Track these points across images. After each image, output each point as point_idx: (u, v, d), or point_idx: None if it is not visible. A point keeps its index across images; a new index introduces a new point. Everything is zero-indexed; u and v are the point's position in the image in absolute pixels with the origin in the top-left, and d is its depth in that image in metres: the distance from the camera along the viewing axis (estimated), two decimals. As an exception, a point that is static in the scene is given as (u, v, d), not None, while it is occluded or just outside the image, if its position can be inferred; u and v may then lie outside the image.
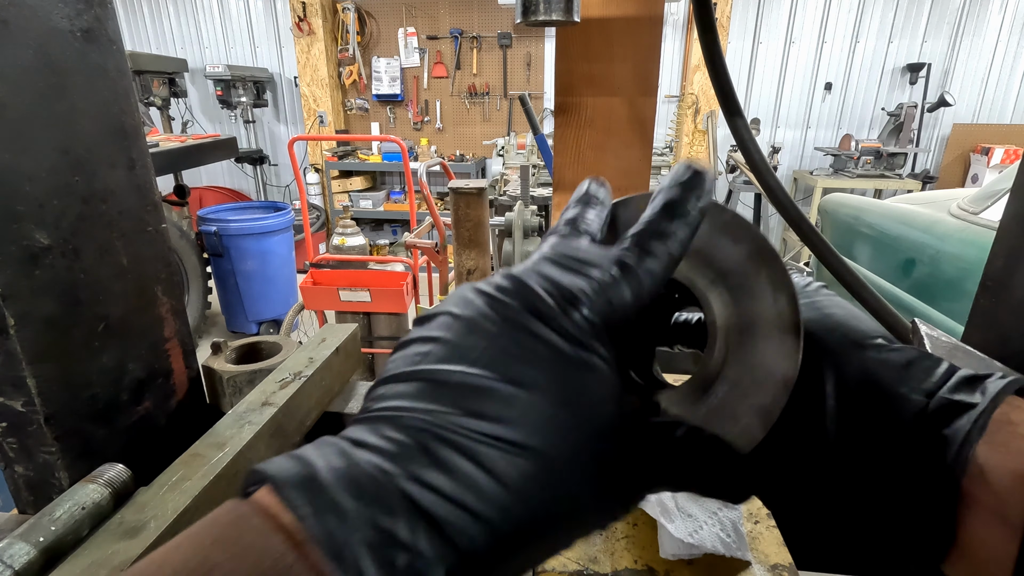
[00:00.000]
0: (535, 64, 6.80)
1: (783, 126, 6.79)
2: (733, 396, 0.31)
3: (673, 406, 0.33)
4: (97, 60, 0.71)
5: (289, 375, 0.88)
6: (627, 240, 0.30)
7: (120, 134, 0.75)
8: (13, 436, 0.68)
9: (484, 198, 1.65)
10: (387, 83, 7.05)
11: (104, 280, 0.73)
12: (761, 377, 0.31)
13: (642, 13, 1.19)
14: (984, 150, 6.13)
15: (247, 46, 7.13)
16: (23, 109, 0.63)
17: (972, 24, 6.18)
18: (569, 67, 1.25)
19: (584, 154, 1.29)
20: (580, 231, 0.32)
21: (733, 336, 0.32)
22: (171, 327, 0.85)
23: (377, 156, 6.87)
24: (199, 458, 0.67)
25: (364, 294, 3.00)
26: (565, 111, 1.28)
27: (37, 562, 0.53)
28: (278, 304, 4.84)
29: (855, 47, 6.41)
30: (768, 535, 0.59)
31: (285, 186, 7.54)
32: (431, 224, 2.82)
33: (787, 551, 0.55)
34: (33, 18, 0.63)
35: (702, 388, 0.33)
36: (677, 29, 6.54)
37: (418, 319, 0.30)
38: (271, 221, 4.70)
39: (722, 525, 0.55)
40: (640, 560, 0.57)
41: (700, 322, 0.42)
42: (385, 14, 6.86)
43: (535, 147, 4.12)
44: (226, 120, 7.29)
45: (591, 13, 1.17)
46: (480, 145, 7.10)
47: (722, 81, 1.17)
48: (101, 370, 0.73)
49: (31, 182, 0.64)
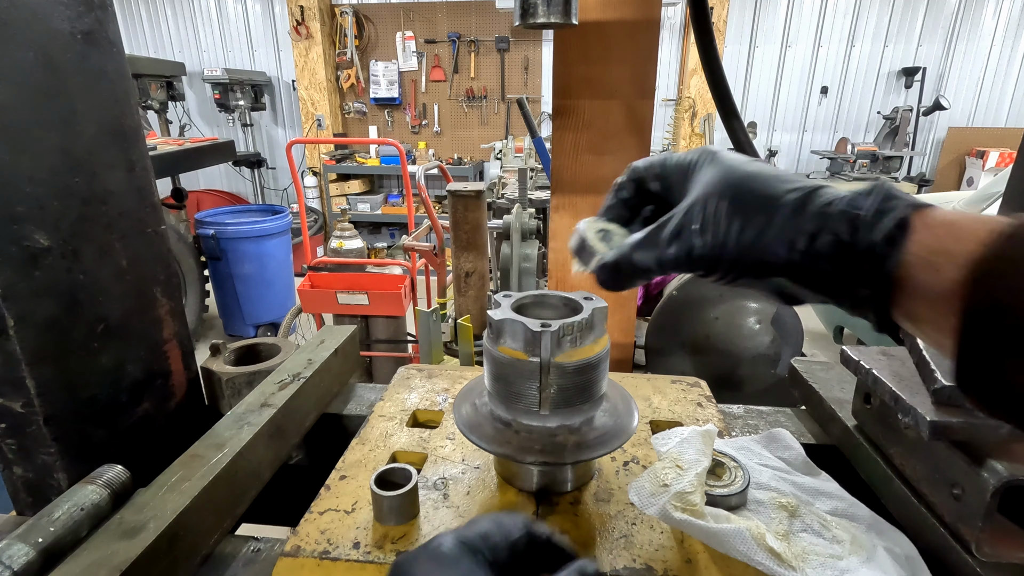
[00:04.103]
0: (533, 68, 6.81)
1: (779, 129, 6.81)
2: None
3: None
4: (97, 62, 0.71)
5: (288, 377, 0.88)
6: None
7: (120, 136, 0.75)
8: (12, 437, 0.68)
9: (482, 201, 1.65)
10: (385, 87, 7.06)
11: (103, 281, 0.73)
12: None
13: (639, 16, 1.19)
14: (979, 153, 6.16)
15: (245, 50, 7.14)
16: (24, 110, 0.63)
17: (967, 28, 6.22)
18: (567, 70, 1.25)
19: (582, 157, 1.30)
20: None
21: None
22: (170, 328, 0.85)
23: (375, 159, 6.88)
24: (198, 459, 0.67)
25: (362, 297, 3.00)
26: (563, 114, 1.29)
27: (36, 563, 0.53)
28: (276, 307, 4.83)
29: (851, 51, 6.45)
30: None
31: (283, 189, 7.53)
32: (429, 227, 2.82)
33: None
34: (34, 20, 0.63)
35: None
36: (674, 33, 6.57)
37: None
38: (269, 224, 4.70)
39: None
40: (639, 559, 0.57)
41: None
42: (383, 18, 6.87)
43: (533, 150, 4.13)
44: (224, 124, 7.28)
45: (589, 16, 1.18)
46: (478, 148, 7.11)
47: (719, 84, 1.18)
48: (100, 371, 0.73)
49: (31, 183, 0.64)
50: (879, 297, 0.41)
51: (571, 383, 0.61)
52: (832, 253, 0.41)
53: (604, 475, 0.70)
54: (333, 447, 0.81)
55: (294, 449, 0.86)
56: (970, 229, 0.37)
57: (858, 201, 0.41)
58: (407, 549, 0.57)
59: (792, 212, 0.43)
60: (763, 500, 0.62)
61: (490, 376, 0.64)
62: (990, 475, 0.54)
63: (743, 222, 0.44)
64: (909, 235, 0.39)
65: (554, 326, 0.58)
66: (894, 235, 0.39)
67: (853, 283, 0.41)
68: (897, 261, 0.39)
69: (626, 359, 1.48)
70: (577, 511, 0.64)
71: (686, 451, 0.62)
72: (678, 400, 0.87)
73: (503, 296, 0.65)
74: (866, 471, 0.77)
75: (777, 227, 0.43)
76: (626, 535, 0.60)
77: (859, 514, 0.63)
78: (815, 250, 0.42)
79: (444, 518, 0.62)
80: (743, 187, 0.46)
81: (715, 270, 0.47)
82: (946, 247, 0.37)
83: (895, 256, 0.39)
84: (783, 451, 0.74)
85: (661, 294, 1.99)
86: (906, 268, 0.39)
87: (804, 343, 1.92)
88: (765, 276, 0.45)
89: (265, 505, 0.78)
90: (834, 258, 0.41)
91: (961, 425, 0.58)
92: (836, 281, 0.42)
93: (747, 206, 0.45)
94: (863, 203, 0.41)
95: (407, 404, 0.85)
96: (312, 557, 0.57)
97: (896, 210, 0.40)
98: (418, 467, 0.70)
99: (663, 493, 0.57)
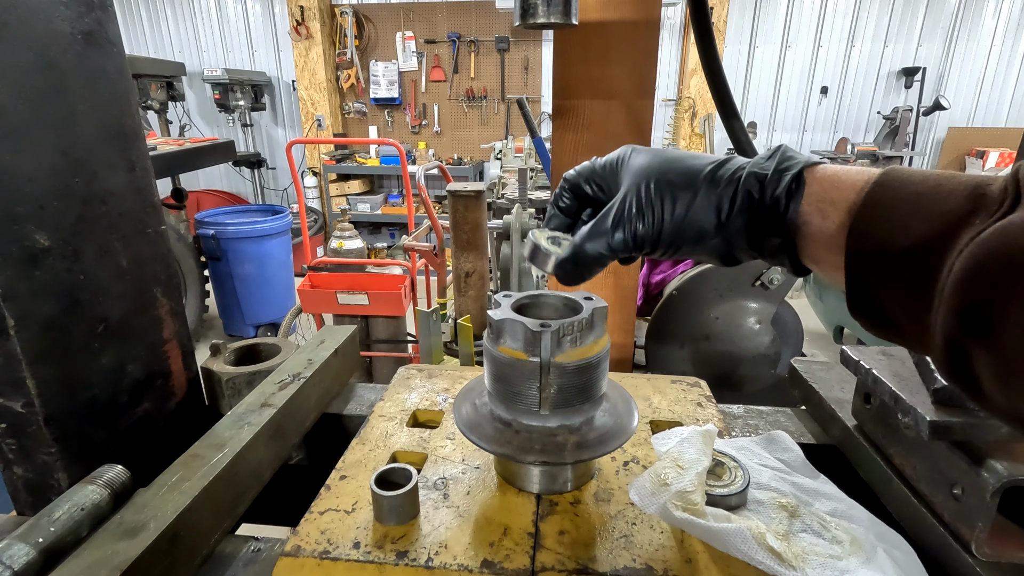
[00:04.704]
0: (533, 68, 6.81)
1: (779, 129, 6.81)
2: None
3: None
4: (97, 62, 0.71)
5: (288, 376, 0.88)
6: None
7: (120, 136, 0.75)
8: (12, 437, 0.68)
9: (482, 201, 1.65)
10: (385, 87, 7.06)
11: (104, 281, 0.73)
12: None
13: (639, 17, 1.19)
14: (979, 153, 6.16)
15: (245, 50, 7.13)
16: (24, 110, 0.63)
17: (967, 28, 6.22)
18: (567, 70, 1.25)
19: (582, 157, 1.29)
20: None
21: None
22: (170, 328, 0.85)
23: (375, 160, 6.87)
24: (198, 459, 0.67)
25: (362, 297, 3.00)
26: (563, 114, 1.29)
27: (36, 563, 0.53)
28: (276, 307, 4.83)
29: (851, 51, 6.45)
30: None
31: (283, 189, 7.53)
32: (429, 227, 2.82)
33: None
34: (34, 20, 0.63)
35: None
36: (674, 33, 6.57)
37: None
38: (269, 224, 4.70)
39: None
40: (639, 559, 0.57)
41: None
42: (383, 18, 6.87)
43: (533, 150, 4.13)
44: (224, 124, 7.28)
45: (589, 17, 1.18)
46: (478, 148, 7.11)
47: (719, 85, 1.18)
48: (100, 371, 0.73)
49: (31, 183, 0.64)
50: (787, 244, 0.48)
51: (571, 383, 0.61)
52: (747, 208, 0.48)
53: (604, 475, 0.70)
54: (333, 447, 0.81)
55: (294, 449, 0.86)
56: (850, 180, 0.44)
57: (763, 163, 0.48)
58: (407, 549, 0.57)
59: (711, 182, 0.50)
60: (763, 500, 0.62)
61: (490, 376, 0.64)
62: (990, 475, 0.54)
63: (673, 200, 0.51)
64: (804, 188, 0.46)
65: (554, 326, 0.58)
66: (791, 188, 0.46)
67: (765, 233, 0.48)
68: (796, 210, 0.46)
69: (626, 359, 1.48)
70: (577, 511, 0.64)
71: (686, 451, 0.62)
72: (678, 400, 0.87)
73: (503, 296, 0.65)
74: (866, 471, 0.77)
75: (703, 197, 0.50)
76: (626, 535, 0.60)
77: (858, 516, 0.63)
78: (735, 210, 0.48)
79: (444, 518, 0.62)
80: (666, 169, 0.52)
81: (658, 246, 0.52)
82: (831, 196, 0.44)
83: (794, 206, 0.46)
84: (782, 452, 0.74)
85: (661, 294, 1.99)
86: (803, 216, 0.46)
87: (804, 343, 1.92)
88: (702, 242, 0.51)
89: (265, 505, 0.78)
90: (749, 213, 0.48)
91: (961, 425, 0.58)
92: (753, 234, 0.49)
93: (674, 185, 0.51)
94: (767, 165, 0.48)
95: (407, 404, 0.85)
96: (312, 557, 0.57)
97: (793, 168, 0.47)
98: (418, 467, 0.70)
99: (664, 492, 0.57)
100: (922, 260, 0.37)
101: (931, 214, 0.38)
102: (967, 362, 0.35)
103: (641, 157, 0.55)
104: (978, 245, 0.34)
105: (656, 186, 0.51)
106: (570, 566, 0.56)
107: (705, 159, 0.51)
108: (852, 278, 0.42)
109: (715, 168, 0.50)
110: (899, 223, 0.39)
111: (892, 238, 0.39)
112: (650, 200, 0.51)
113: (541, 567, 0.56)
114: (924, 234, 0.37)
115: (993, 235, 0.34)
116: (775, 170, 0.47)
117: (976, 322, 0.34)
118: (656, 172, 0.52)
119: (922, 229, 0.38)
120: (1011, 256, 0.32)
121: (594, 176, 0.59)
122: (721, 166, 0.50)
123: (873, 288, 0.41)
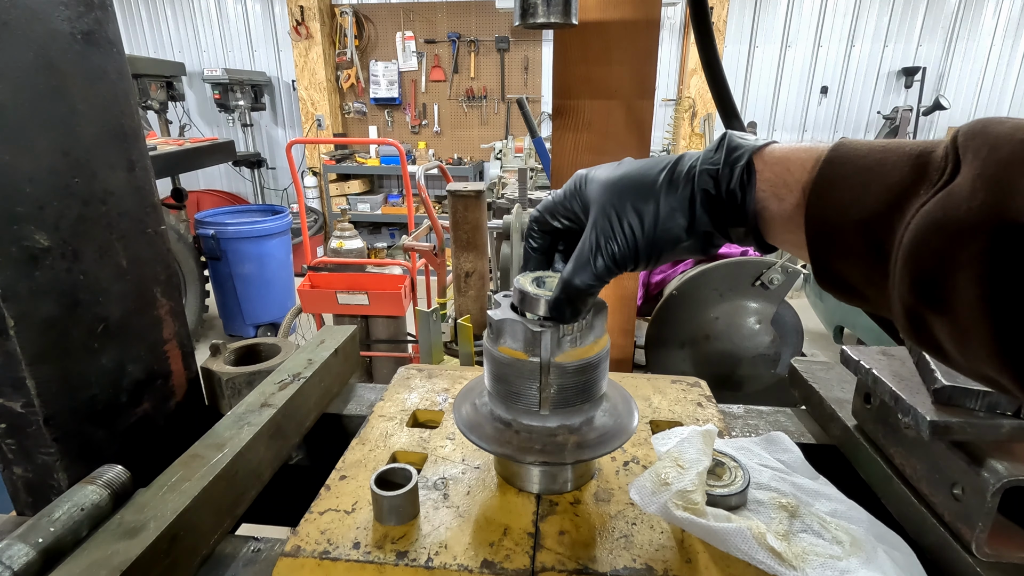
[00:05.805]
0: (533, 68, 6.81)
1: (779, 129, 6.81)
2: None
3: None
4: (97, 62, 0.71)
5: (288, 377, 0.88)
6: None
7: (120, 136, 0.75)
8: (12, 437, 0.68)
9: (482, 201, 1.65)
10: (385, 87, 7.06)
11: (103, 281, 0.73)
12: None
13: (639, 17, 1.19)
14: (979, 153, 6.16)
15: (245, 50, 7.13)
16: (23, 110, 0.63)
17: (967, 28, 6.21)
18: (567, 70, 1.25)
19: (582, 157, 1.30)
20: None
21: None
22: (170, 328, 0.85)
23: (375, 159, 6.87)
24: (198, 459, 0.67)
25: (362, 297, 3.00)
26: (563, 114, 1.29)
27: (36, 563, 0.53)
28: (276, 307, 4.83)
29: (851, 51, 6.45)
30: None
31: (283, 189, 7.53)
32: (429, 227, 2.82)
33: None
34: (34, 20, 0.63)
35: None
36: (674, 33, 6.57)
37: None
38: (269, 224, 4.70)
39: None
40: (639, 559, 0.57)
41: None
42: (383, 18, 6.87)
43: (533, 150, 4.13)
44: (224, 124, 7.28)
45: (589, 17, 1.18)
46: (478, 148, 7.11)
47: (719, 85, 1.18)
48: (100, 371, 0.73)
49: (31, 183, 0.64)
50: (751, 230, 0.49)
51: (571, 383, 0.61)
52: (708, 206, 0.50)
53: (604, 475, 0.70)
54: (333, 447, 0.81)
55: (294, 449, 0.86)
56: (799, 160, 0.45)
57: (712, 157, 0.49)
58: (407, 549, 0.57)
59: (669, 187, 0.51)
60: (763, 500, 0.62)
61: (490, 376, 0.64)
62: (990, 475, 0.54)
63: (639, 215, 0.51)
64: (756, 176, 0.47)
65: (554, 326, 0.58)
66: (743, 180, 0.47)
67: (729, 224, 0.50)
68: (752, 199, 0.47)
69: (626, 359, 1.48)
70: (577, 511, 0.64)
71: (687, 450, 0.62)
72: (678, 400, 0.87)
73: (503, 296, 0.65)
74: (866, 471, 0.77)
75: (665, 205, 0.51)
76: (626, 535, 0.60)
77: (857, 517, 0.63)
78: (698, 210, 0.50)
79: (444, 518, 0.62)
80: (623, 186, 0.53)
81: (640, 261, 0.53)
82: (784, 179, 0.46)
83: (750, 196, 0.47)
84: (782, 453, 0.74)
85: (661, 294, 1.99)
86: (760, 202, 0.47)
87: (804, 343, 1.92)
88: (679, 245, 0.52)
89: (265, 505, 0.78)
90: (710, 209, 0.50)
91: (961, 425, 0.58)
92: (719, 226, 0.50)
93: (635, 199, 0.52)
94: (716, 158, 0.49)
95: (407, 404, 0.85)
96: (312, 557, 0.57)
97: (742, 159, 0.48)
98: (418, 467, 0.70)
99: (664, 492, 0.57)
100: (874, 234, 0.39)
101: (878, 188, 0.39)
102: (927, 328, 0.37)
103: (597, 180, 0.55)
104: (922, 217, 0.35)
105: (619, 206, 0.52)
106: (570, 566, 0.56)
107: (658, 165, 0.52)
108: (814, 254, 0.43)
109: (669, 172, 0.51)
110: (850, 199, 0.40)
111: (845, 214, 0.40)
112: (618, 221, 0.52)
113: (541, 567, 0.56)
114: (874, 208, 0.39)
115: (935, 206, 0.35)
116: (725, 163, 0.48)
117: (928, 292, 0.35)
118: (616, 192, 0.53)
119: (871, 203, 0.39)
120: (952, 226, 0.33)
121: (558, 209, 0.60)
122: (674, 169, 0.51)
123: (834, 262, 0.43)
